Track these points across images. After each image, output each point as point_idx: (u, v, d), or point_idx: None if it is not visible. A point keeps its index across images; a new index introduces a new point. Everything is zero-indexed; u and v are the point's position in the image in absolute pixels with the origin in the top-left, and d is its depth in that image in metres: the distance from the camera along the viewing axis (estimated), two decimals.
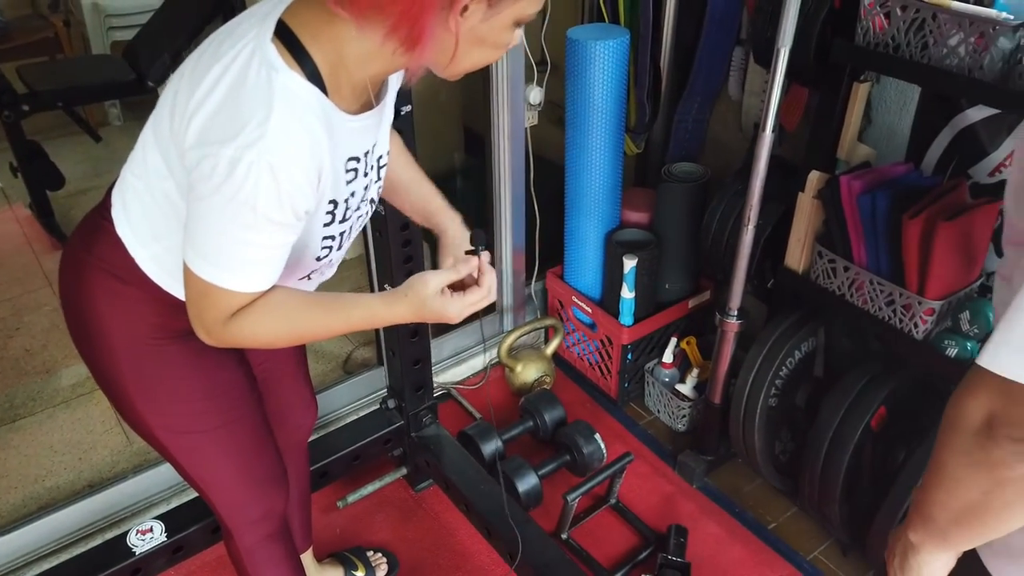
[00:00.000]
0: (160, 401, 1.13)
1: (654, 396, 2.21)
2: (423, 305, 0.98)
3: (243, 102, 0.85)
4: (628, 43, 1.94)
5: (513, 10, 0.88)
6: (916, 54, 1.40)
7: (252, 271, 0.92)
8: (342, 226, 1.04)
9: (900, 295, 1.55)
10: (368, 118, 0.98)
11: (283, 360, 1.40)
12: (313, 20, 0.88)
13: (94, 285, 1.07)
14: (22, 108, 2.71)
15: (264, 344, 1.01)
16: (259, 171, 0.84)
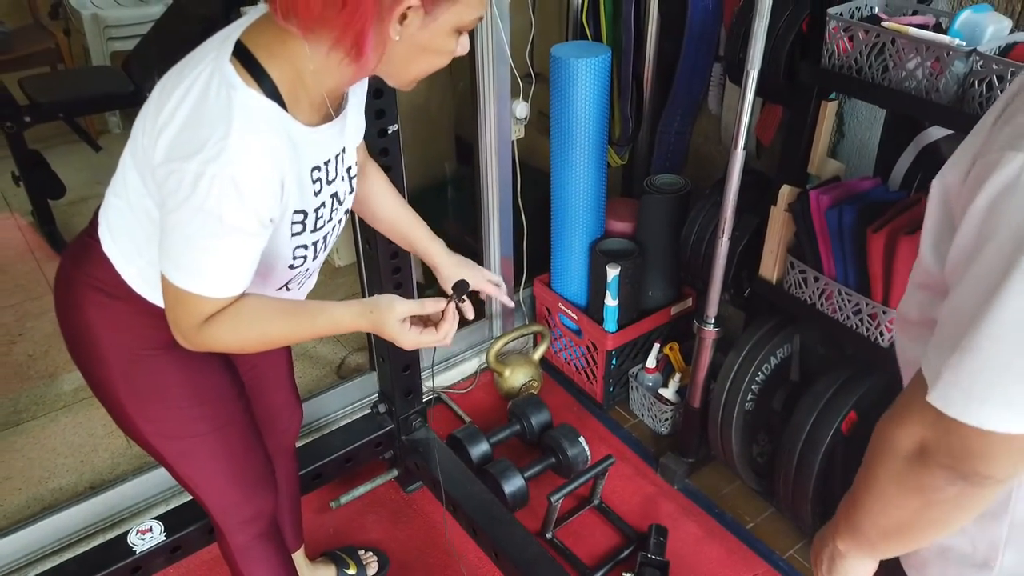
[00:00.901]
0: (152, 409, 1.18)
1: (638, 400, 2.29)
2: (382, 326, 1.04)
3: (204, 119, 0.90)
4: (610, 60, 2.01)
5: (450, 16, 0.93)
6: (877, 76, 1.48)
7: (221, 277, 0.97)
8: (315, 235, 1.09)
9: (866, 305, 1.62)
10: (328, 129, 1.03)
11: (270, 367, 1.45)
12: (269, 40, 0.94)
13: (85, 301, 1.13)
14: (24, 119, 2.78)
15: (236, 348, 1.06)
16: (222, 183, 0.89)
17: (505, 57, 2.00)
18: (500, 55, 1.99)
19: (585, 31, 2.20)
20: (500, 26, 1.94)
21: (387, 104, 1.50)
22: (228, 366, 1.27)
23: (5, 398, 2.32)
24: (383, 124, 1.51)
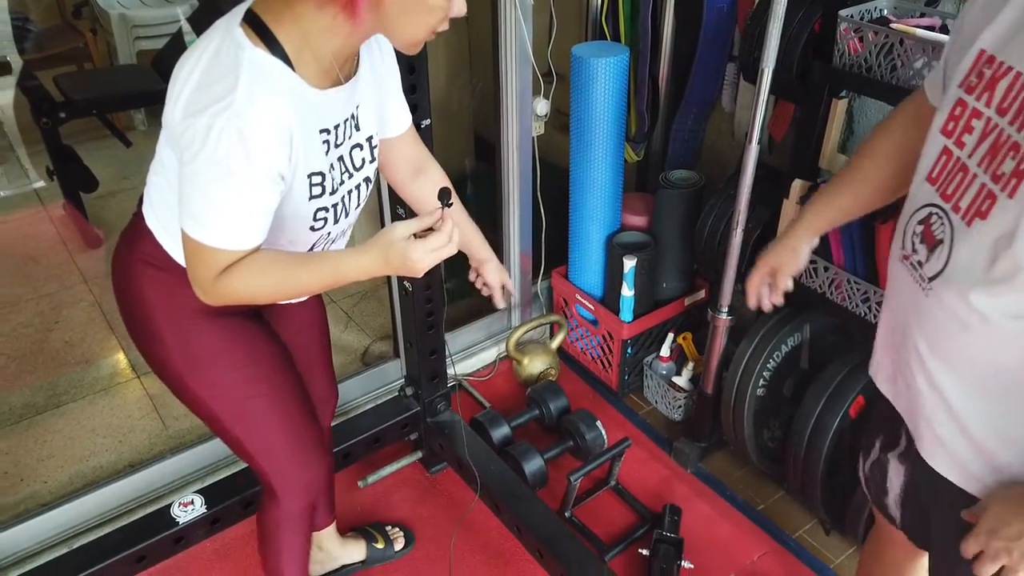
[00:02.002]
0: (209, 374, 1.25)
1: (652, 388, 2.37)
2: (389, 248, 1.05)
3: (214, 76, 0.96)
4: (628, 59, 2.09)
5: None
6: (886, 75, 1.56)
7: (233, 229, 1.02)
8: (333, 198, 1.13)
9: (874, 293, 1.70)
10: (337, 94, 1.07)
11: (308, 345, 1.50)
12: (276, 5, 1.00)
13: (138, 275, 1.21)
14: (59, 115, 2.88)
15: (249, 299, 1.10)
16: (230, 134, 0.94)
17: (527, 57, 2.08)
18: (522, 55, 2.07)
19: (604, 31, 2.28)
20: (523, 26, 2.02)
21: (420, 99, 1.59)
22: (272, 334, 1.34)
23: (44, 381, 2.42)
24: (417, 119, 1.58)
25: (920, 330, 0.97)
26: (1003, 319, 0.86)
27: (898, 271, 1.01)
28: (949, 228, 0.90)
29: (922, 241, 0.95)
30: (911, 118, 1.10)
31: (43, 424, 2.27)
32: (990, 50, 0.88)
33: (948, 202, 0.91)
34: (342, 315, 2.68)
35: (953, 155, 0.91)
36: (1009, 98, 0.84)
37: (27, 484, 2.06)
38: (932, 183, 0.94)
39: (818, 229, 1.27)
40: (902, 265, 0.99)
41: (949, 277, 0.90)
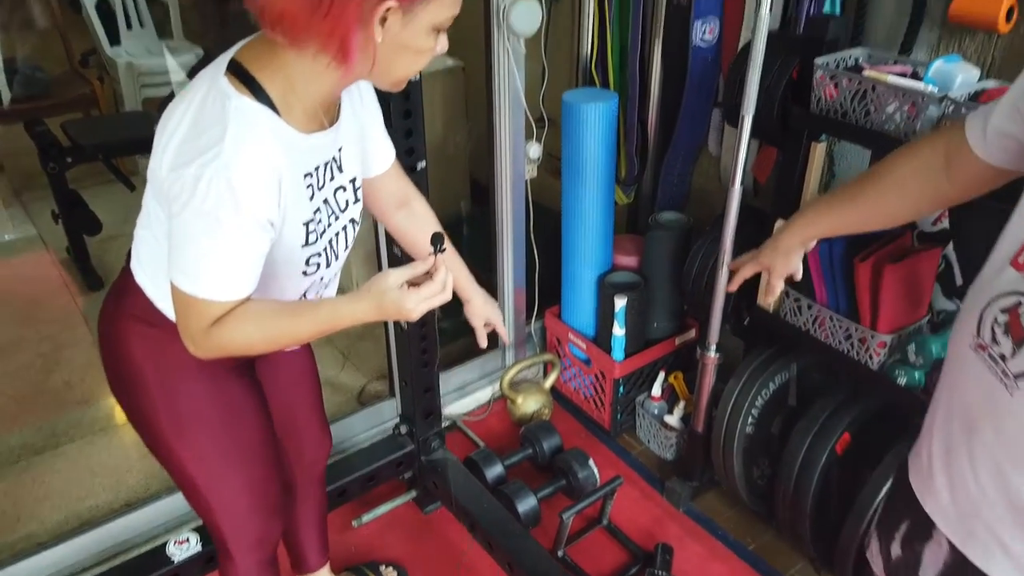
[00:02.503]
0: (192, 434, 1.24)
1: (644, 427, 2.39)
2: (383, 297, 1.05)
3: (201, 128, 0.96)
4: (617, 105, 2.16)
5: (427, 15, 0.98)
6: (861, 119, 1.62)
7: (225, 280, 1.02)
8: (322, 241, 1.14)
9: (856, 330, 1.74)
10: (322, 137, 1.09)
11: (301, 397, 1.51)
12: (260, 53, 1.01)
13: (125, 332, 1.19)
14: (67, 160, 2.96)
15: (242, 350, 1.09)
16: (218, 184, 0.94)
17: (520, 102, 2.15)
18: (515, 100, 2.14)
19: (594, 79, 2.36)
20: (516, 74, 2.10)
21: (416, 141, 1.65)
22: (259, 392, 1.34)
23: (44, 422, 2.44)
24: (412, 161, 1.65)
25: (995, 430, 0.89)
26: None
27: (970, 360, 0.91)
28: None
29: (1006, 332, 0.86)
30: (941, 154, 1.02)
31: (41, 464, 2.29)
32: None
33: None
34: (339, 355, 2.72)
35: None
36: None
37: (24, 524, 2.08)
38: (1019, 269, 0.85)
39: (813, 236, 1.28)
40: (976, 354, 0.90)
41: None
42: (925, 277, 1.70)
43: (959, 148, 0.99)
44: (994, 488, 0.90)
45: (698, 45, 2.14)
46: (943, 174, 1.02)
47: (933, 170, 1.04)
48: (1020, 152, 0.91)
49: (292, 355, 1.46)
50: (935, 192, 1.05)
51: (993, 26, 1.56)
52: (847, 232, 1.26)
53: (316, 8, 0.92)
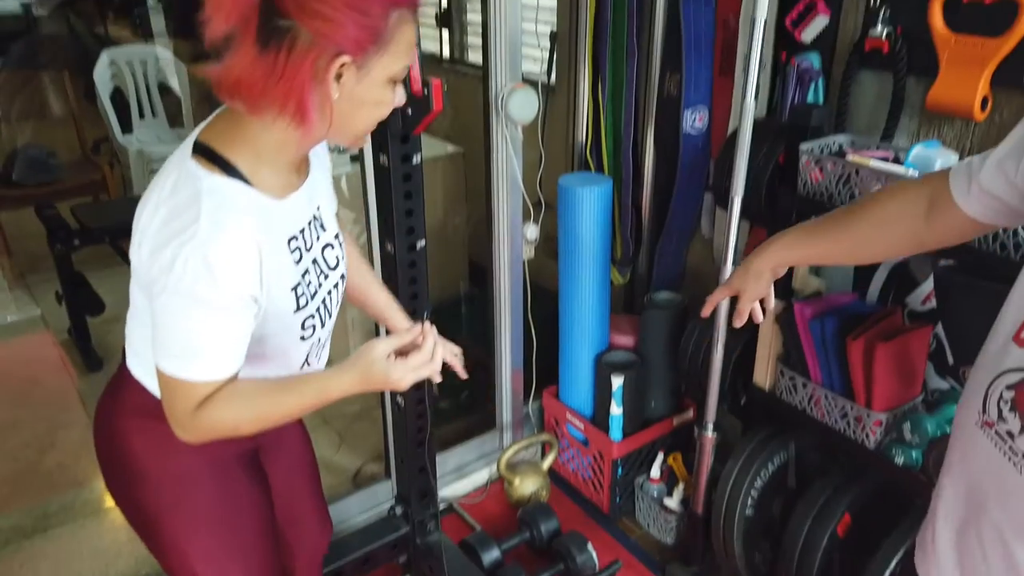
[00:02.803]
0: (197, 531, 1.21)
1: (643, 510, 2.36)
2: (370, 368, 1.05)
3: (176, 211, 0.96)
4: (611, 189, 2.23)
5: (381, 68, 0.99)
6: (845, 201, 1.67)
7: (207, 360, 1.00)
8: (314, 302, 1.13)
9: (851, 408, 1.74)
10: (297, 198, 1.09)
11: (302, 486, 1.48)
12: (222, 130, 1.02)
13: (126, 428, 1.17)
14: (74, 243, 3.03)
15: (231, 431, 1.06)
16: (195, 263, 0.93)
17: (518, 186, 2.22)
18: (514, 184, 2.21)
19: (589, 164, 2.44)
20: (514, 159, 2.17)
21: (416, 223, 1.70)
22: (264, 482, 1.32)
23: (35, 504, 2.41)
24: (412, 240, 1.70)
25: (1004, 509, 0.89)
26: None
27: (976, 438, 0.91)
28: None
29: (1012, 409, 0.87)
30: (924, 201, 1.03)
31: (31, 548, 2.25)
32: None
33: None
34: (335, 436, 2.70)
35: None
36: None
37: None
38: (1022, 344, 0.86)
39: (785, 262, 1.28)
40: (982, 432, 0.90)
41: None
42: (917, 355, 1.72)
43: (942, 198, 0.99)
44: (1003, 568, 0.89)
45: (688, 132, 2.22)
46: (923, 220, 1.03)
47: (915, 215, 1.04)
48: (1003, 210, 0.93)
49: (292, 443, 1.44)
50: (913, 236, 1.06)
51: (969, 114, 1.63)
52: (819, 262, 1.24)
53: (271, 71, 0.94)
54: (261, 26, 0.93)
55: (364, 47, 0.96)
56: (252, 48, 0.94)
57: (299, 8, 0.92)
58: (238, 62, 0.95)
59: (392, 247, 1.74)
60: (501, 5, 2.02)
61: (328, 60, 0.95)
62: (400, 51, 1.00)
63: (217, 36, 0.93)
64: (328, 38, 0.93)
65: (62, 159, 3.98)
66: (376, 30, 0.96)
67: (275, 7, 0.93)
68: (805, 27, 1.89)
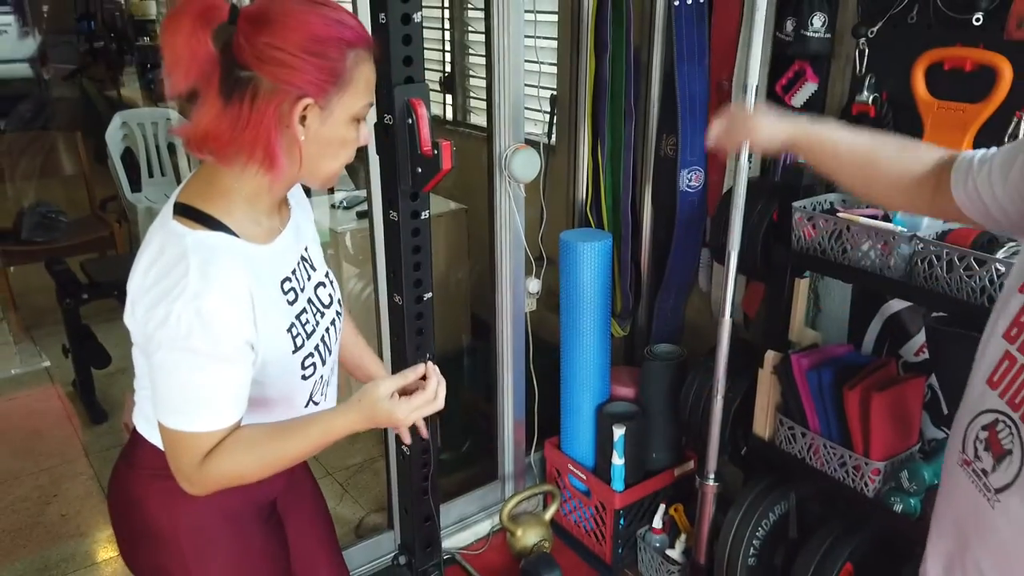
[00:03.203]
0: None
1: (646, 561, 2.36)
2: (374, 407, 1.06)
3: (164, 271, 0.98)
4: (611, 244, 2.31)
5: (344, 107, 1.03)
6: (838, 257, 1.74)
7: (210, 410, 1.01)
8: (313, 340, 1.15)
9: (850, 457, 1.78)
10: (282, 241, 1.12)
11: (318, 538, 1.47)
12: (198, 188, 1.05)
13: (144, 491, 1.17)
14: (82, 296, 3.08)
15: (237, 479, 1.06)
16: (188, 316, 0.95)
17: (521, 241, 2.30)
18: (516, 239, 2.29)
19: (589, 220, 2.52)
20: (516, 216, 2.25)
21: (423, 275, 1.76)
22: (283, 534, 1.33)
23: (36, 555, 2.41)
24: (420, 292, 1.76)
25: (982, 543, 0.93)
26: None
27: (957, 476, 0.96)
28: (1019, 439, 0.88)
29: (987, 448, 0.92)
30: (933, 170, 1.06)
31: None
32: None
33: (1017, 411, 0.88)
34: (337, 487, 2.71)
35: (1017, 361, 0.89)
36: None
37: None
38: (993, 387, 0.91)
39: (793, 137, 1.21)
40: (962, 470, 0.95)
41: (1020, 491, 0.87)
42: (912, 405, 1.77)
43: (945, 182, 1.03)
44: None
45: (685, 190, 2.31)
46: (930, 195, 1.06)
47: (924, 187, 1.07)
48: (985, 213, 0.99)
49: (307, 495, 1.45)
50: (914, 201, 1.10)
51: None
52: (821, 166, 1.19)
53: (236, 120, 0.98)
54: (223, 79, 0.98)
55: (325, 89, 1.00)
56: (216, 101, 0.99)
57: (257, 58, 0.97)
58: (204, 116, 0.99)
59: (400, 299, 1.80)
60: (505, 71, 2.13)
61: (291, 104, 0.99)
62: (360, 90, 1.04)
63: (179, 92, 0.97)
64: (289, 83, 0.98)
65: (70, 216, 4.07)
66: (335, 71, 1.00)
67: (234, 60, 0.97)
68: (795, 93, 1.99)
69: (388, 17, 1.54)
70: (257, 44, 0.96)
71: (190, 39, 0.95)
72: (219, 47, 0.97)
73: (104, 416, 3.13)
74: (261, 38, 0.97)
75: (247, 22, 0.98)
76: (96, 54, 6.44)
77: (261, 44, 0.96)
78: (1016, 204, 0.93)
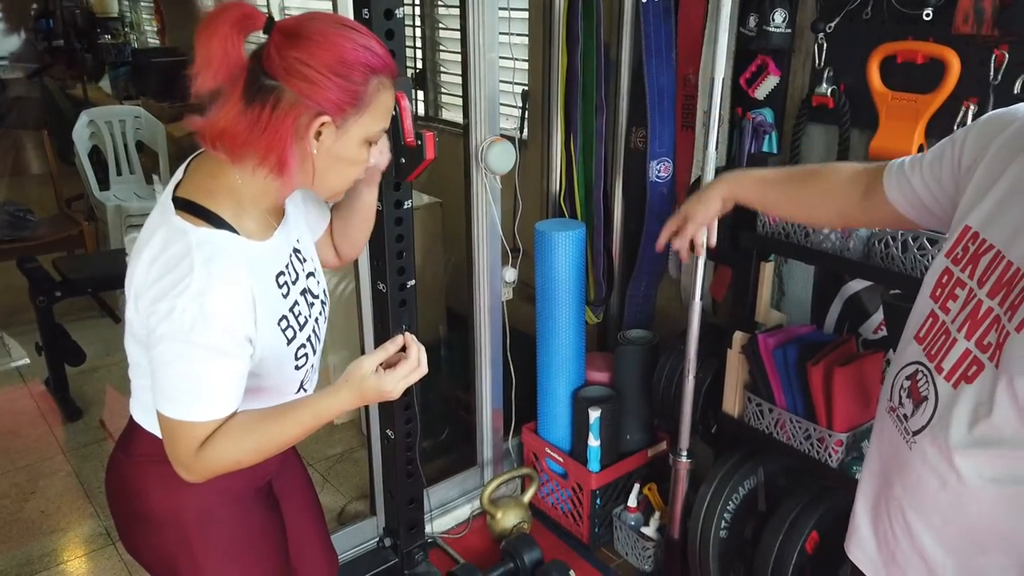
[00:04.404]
0: (224, 569, 1.24)
1: (622, 539, 2.45)
2: (362, 385, 1.09)
3: (169, 266, 1.01)
4: (584, 234, 2.38)
5: (359, 128, 1.07)
6: (801, 240, 1.84)
7: (208, 400, 1.05)
8: (305, 331, 1.19)
9: (815, 430, 1.88)
10: (278, 236, 1.16)
11: (310, 522, 1.51)
12: (201, 183, 1.08)
13: (144, 477, 1.20)
14: (55, 294, 3.08)
15: (234, 465, 1.10)
16: (192, 312, 0.98)
17: (497, 231, 2.36)
18: (493, 230, 2.35)
19: (563, 210, 2.60)
20: (493, 207, 2.32)
21: (407, 263, 1.83)
22: (280, 517, 1.36)
23: (18, 551, 2.41)
24: (404, 279, 1.82)
25: (901, 481, 1.02)
26: (977, 480, 0.92)
27: (884, 422, 1.07)
28: (934, 387, 0.97)
29: (908, 396, 1.02)
30: (863, 183, 1.18)
31: None
32: (975, 227, 0.97)
33: (932, 362, 0.98)
34: (318, 477, 2.75)
35: (939, 319, 0.99)
36: (988, 272, 0.93)
37: None
38: (919, 342, 1.01)
39: (736, 196, 1.37)
40: (889, 417, 1.05)
41: (932, 434, 0.96)
42: (871, 379, 1.87)
43: (876, 184, 1.15)
44: (903, 534, 1.03)
45: (655, 181, 2.40)
46: (858, 200, 1.18)
47: (852, 194, 1.19)
48: (918, 205, 1.09)
49: (298, 479, 1.49)
50: (846, 211, 1.22)
51: None
52: (764, 208, 1.39)
53: (254, 125, 1.01)
54: (248, 83, 1.02)
55: (344, 109, 1.05)
56: (238, 103, 1.03)
57: (285, 70, 1.01)
58: (224, 115, 1.03)
59: (384, 286, 1.86)
60: (480, 67, 2.19)
61: (310, 118, 1.03)
62: (378, 114, 1.09)
63: (205, 90, 1.01)
64: (311, 99, 1.02)
65: (38, 215, 4.04)
66: (357, 94, 1.05)
67: (262, 67, 1.02)
68: (758, 86, 2.09)
69: (371, 12, 1.60)
70: (288, 57, 1.01)
71: (225, 43, 0.99)
72: (249, 53, 1.03)
73: (79, 413, 3.12)
74: (292, 52, 1.01)
75: (281, 35, 1.03)
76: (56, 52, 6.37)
77: (291, 58, 1.01)
78: (949, 196, 1.04)
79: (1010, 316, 0.89)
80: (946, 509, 0.97)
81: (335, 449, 2.88)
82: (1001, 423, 0.88)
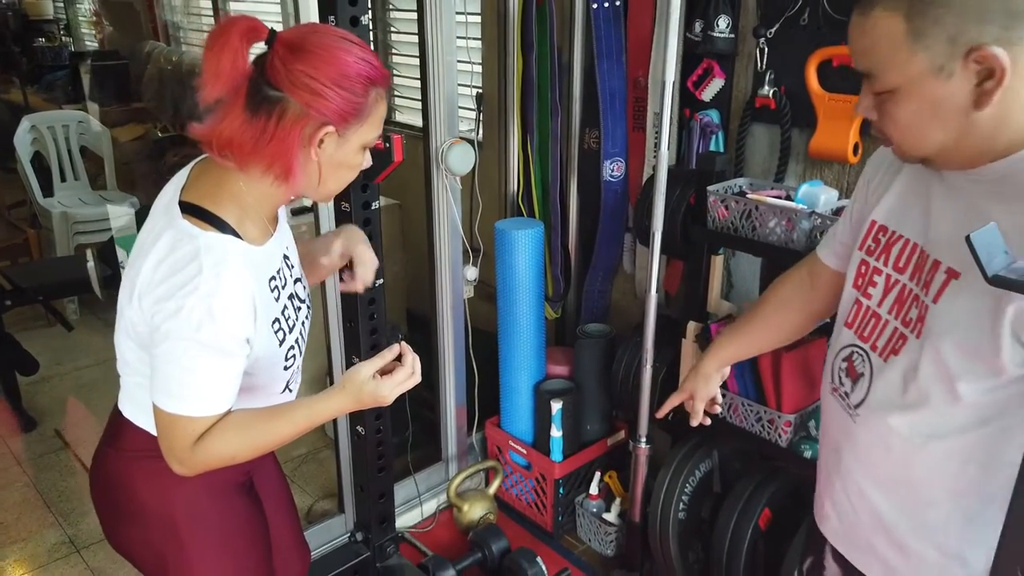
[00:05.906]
0: (212, 561, 1.27)
1: (585, 526, 2.53)
2: (360, 390, 1.15)
3: (176, 268, 1.05)
4: (542, 232, 2.46)
5: (358, 136, 1.13)
6: (749, 234, 1.95)
7: (207, 397, 1.09)
8: (294, 333, 1.23)
9: (765, 412, 1.99)
10: (271, 244, 1.20)
11: (284, 517, 1.54)
12: (207, 189, 1.12)
13: (132, 472, 1.23)
14: (5, 303, 3.02)
15: (229, 460, 1.13)
16: (200, 312, 1.02)
17: (458, 231, 2.43)
18: (454, 229, 2.41)
19: (521, 210, 2.68)
20: (454, 207, 2.38)
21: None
22: (263, 511, 1.40)
23: None
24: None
25: (850, 451, 1.13)
26: (917, 438, 1.03)
27: (829, 402, 1.18)
28: (869, 364, 1.09)
29: (847, 375, 1.13)
30: (805, 274, 1.33)
31: None
32: (881, 221, 1.10)
33: (866, 343, 1.09)
34: None
35: (863, 304, 1.11)
36: (903, 259, 1.06)
37: None
38: (849, 328, 1.13)
39: (725, 360, 1.49)
40: (832, 397, 1.17)
41: (871, 404, 1.08)
42: (816, 362, 1.99)
43: (816, 266, 1.30)
44: (859, 501, 1.14)
45: (608, 180, 2.49)
46: (809, 291, 1.31)
47: (801, 289, 1.34)
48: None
49: (273, 474, 1.53)
50: (806, 307, 1.35)
51: (844, 159, 1.96)
52: (753, 353, 1.52)
53: (261, 133, 1.06)
54: (250, 95, 1.06)
55: (347, 119, 1.10)
56: (241, 113, 1.07)
57: (291, 83, 1.05)
58: (228, 124, 1.07)
59: None
60: (439, 70, 2.25)
61: (315, 128, 1.08)
62: (375, 122, 1.15)
63: (212, 100, 1.06)
64: (317, 110, 1.06)
65: None
66: (358, 105, 1.10)
67: (266, 79, 1.06)
68: (704, 88, 2.20)
69: (337, 19, 1.65)
70: (293, 70, 1.05)
71: (235, 55, 1.03)
72: (252, 64, 1.07)
73: (33, 424, 3.07)
74: (297, 65, 1.05)
75: (285, 47, 1.07)
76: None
77: (297, 71, 1.05)
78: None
79: (925, 291, 1.02)
80: (893, 470, 1.08)
81: (300, 450, 2.90)
82: (927, 384, 1.00)
